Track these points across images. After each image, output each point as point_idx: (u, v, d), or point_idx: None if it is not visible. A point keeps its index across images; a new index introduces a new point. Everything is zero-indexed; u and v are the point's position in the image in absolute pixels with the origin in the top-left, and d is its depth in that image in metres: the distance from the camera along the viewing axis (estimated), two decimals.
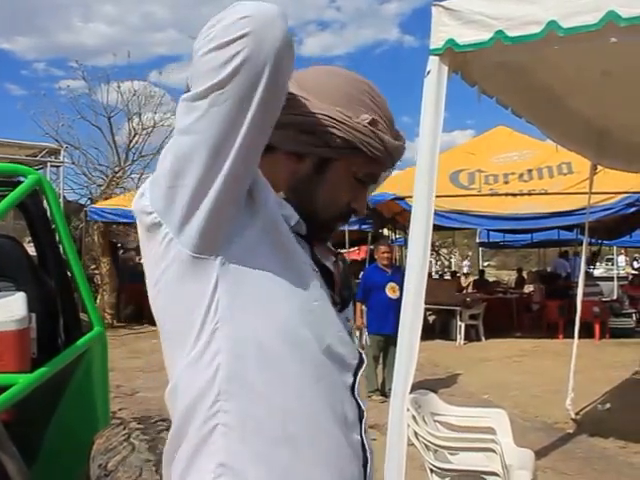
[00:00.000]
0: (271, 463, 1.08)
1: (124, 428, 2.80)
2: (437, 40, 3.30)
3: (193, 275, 1.07)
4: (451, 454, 3.63)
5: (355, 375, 1.21)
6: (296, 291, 1.12)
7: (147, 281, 1.14)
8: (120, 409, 6.15)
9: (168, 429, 2.88)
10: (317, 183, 1.20)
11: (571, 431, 5.91)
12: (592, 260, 14.69)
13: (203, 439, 1.09)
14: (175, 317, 1.11)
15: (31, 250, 3.62)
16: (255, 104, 0.99)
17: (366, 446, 1.20)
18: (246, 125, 1.00)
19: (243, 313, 1.08)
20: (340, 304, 1.22)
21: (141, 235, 1.12)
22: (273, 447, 1.08)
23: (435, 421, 3.73)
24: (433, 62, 3.31)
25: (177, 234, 1.05)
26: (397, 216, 12.29)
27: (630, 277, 17.91)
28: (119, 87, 14.74)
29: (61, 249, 3.48)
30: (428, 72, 3.31)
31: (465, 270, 25.68)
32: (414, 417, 3.41)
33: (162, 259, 1.08)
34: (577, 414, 6.18)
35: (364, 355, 1.26)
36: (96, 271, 13.76)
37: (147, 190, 1.09)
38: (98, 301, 12.79)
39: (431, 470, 3.45)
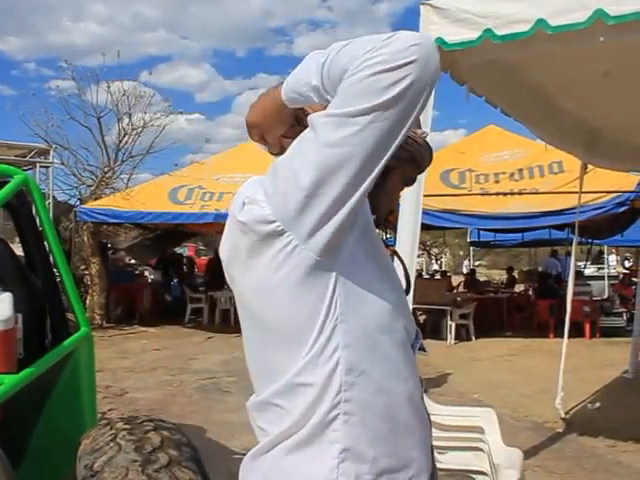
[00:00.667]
0: (383, 441, 1.22)
1: (111, 428, 2.79)
2: None
3: (316, 277, 1.17)
4: (439, 453, 3.62)
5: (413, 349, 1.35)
6: (388, 284, 1.27)
7: (255, 287, 1.23)
8: (109, 409, 6.13)
9: (155, 429, 2.89)
10: (380, 187, 1.30)
11: (561, 430, 5.91)
12: (596, 258, 14.74)
13: (324, 428, 1.19)
14: (296, 318, 1.20)
15: (19, 251, 3.60)
16: (409, 124, 1.13)
17: (427, 411, 1.35)
18: (397, 142, 1.13)
19: (355, 309, 1.20)
20: (407, 288, 1.40)
21: (250, 244, 1.20)
22: (383, 426, 1.22)
23: None
24: None
25: (304, 241, 1.15)
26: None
27: (621, 276, 18.00)
28: (109, 87, 14.65)
29: (48, 249, 3.46)
30: None
31: (465, 270, 25.69)
32: None
33: (283, 265, 1.17)
34: (567, 413, 6.18)
35: (419, 331, 1.39)
36: (86, 272, 13.70)
37: (260, 201, 1.18)
38: (88, 302, 12.75)
39: None
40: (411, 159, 1.36)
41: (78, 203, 14.25)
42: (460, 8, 3.25)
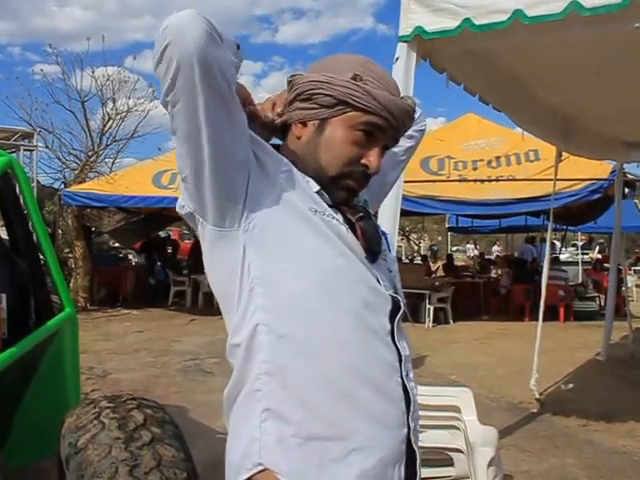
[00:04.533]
0: (312, 407, 1.21)
1: (94, 407, 2.82)
2: (406, 27, 3.35)
3: (225, 247, 1.25)
4: None
5: (392, 321, 1.32)
6: (320, 250, 1.25)
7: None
8: (92, 390, 6.15)
9: (138, 407, 2.94)
10: (318, 143, 1.33)
11: (535, 410, 6.05)
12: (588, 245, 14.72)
13: (252, 387, 1.24)
14: (221, 285, 1.29)
15: (3, 232, 3.62)
16: (200, 92, 1.13)
17: (408, 387, 1.30)
18: (202, 110, 1.15)
19: (274, 272, 1.23)
20: (370, 256, 1.34)
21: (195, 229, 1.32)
22: (312, 391, 1.21)
23: None
24: (402, 49, 3.36)
25: (202, 216, 1.25)
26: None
27: (593, 261, 18.28)
28: (93, 72, 14.51)
29: (33, 231, 3.48)
30: (397, 59, 3.36)
31: (470, 254, 25.66)
32: None
33: (204, 241, 1.29)
34: (541, 394, 6.30)
35: (402, 302, 1.36)
36: (70, 255, 13.67)
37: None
38: (72, 284, 12.71)
39: None
40: (340, 102, 1.29)
41: (62, 187, 14.16)
42: None
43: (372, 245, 1.35)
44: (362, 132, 1.31)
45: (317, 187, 1.32)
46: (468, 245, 28.48)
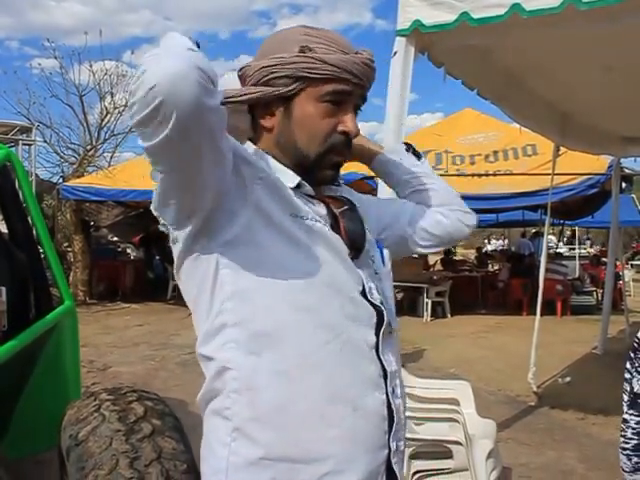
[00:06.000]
0: (281, 429, 1.16)
1: (95, 399, 2.84)
2: (404, 21, 3.34)
3: (197, 260, 1.21)
4: (416, 424, 3.72)
5: (378, 333, 1.26)
6: (293, 262, 1.20)
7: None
8: (93, 383, 6.17)
9: (138, 400, 2.95)
10: (291, 127, 1.28)
11: (533, 404, 6.08)
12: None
13: (222, 404, 1.20)
14: (191, 296, 1.26)
15: (2, 226, 3.62)
16: (196, 141, 1.04)
17: (392, 406, 1.24)
18: (195, 157, 1.07)
19: (245, 288, 1.18)
20: (353, 251, 1.29)
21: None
22: (284, 413, 1.16)
23: None
24: (400, 43, 3.36)
25: (178, 236, 1.21)
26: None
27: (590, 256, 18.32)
28: (91, 66, 14.51)
29: (31, 224, 3.49)
30: (395, 53, 3.36)
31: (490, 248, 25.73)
32: None
33: (174, 246, 1.24)
34: (539, 387, 6.33)
35: (386, 313, 1.29)
36: (69, 249, 13.69)
37: None
38: (71, 278, 12.73)
39: None
40: (297, 78, 1.23)
41: (61, 181, 14.16)
42: None
43: (354, 240, 1.29)
44: (329, 102, 1.26)
45: (297, 179, 1.27)
46: (493, 241, 28.26)
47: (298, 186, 1.27)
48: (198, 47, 1.07)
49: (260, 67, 1.26)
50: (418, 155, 1.62)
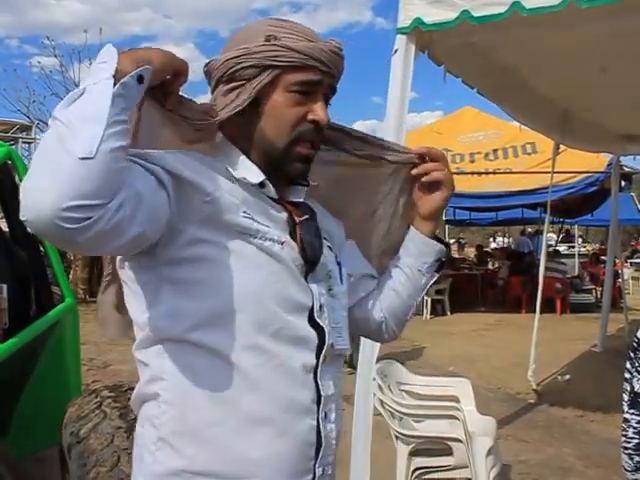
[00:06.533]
0: (208, 444, 1.15)
1: (96, 396, 2.85)
2: (405, 19, 3.35)
3: (140, 275, 1.19)
4: (416, 421, 3.74)
5: (318, 357, 1.23)
6: (244, 281, 1.16)
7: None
8: (93, 381, 6.18)
9: None
10: (260, 118, 1.24)
11: (532, 401, 6.11)
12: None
13: (152, 412, 1.20)
14: (130, 304, 1.23)
15: (2, 224, 3.62)
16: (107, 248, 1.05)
17: (322, 431, 1.22)
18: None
19: (186, 304, 1.15)
20: (308, 266, 1.25)
21: None
22: (211, 429, 1.15)
23: (401, 390, 3.84)
24: (400, 41, 3.37)
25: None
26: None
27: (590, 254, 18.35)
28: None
29: None
30: (395, 51, 3.37)
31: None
32: (380, 386, 3.51)
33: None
34: (538, 385, 6.37)
35: (330, 335, 1.25)
36: None
37: None
38: (71, 276, 12.72)
39: (396, 437, 3.55)
40: (263, 68, 1.21)
41: None
42: None
43: (308, 253, 1.25)
44: (298, 92, 1.23)
45: (262, 177, 1.23)
46: (499, 239, 28.24)
47: (262, 185, 1.24)
48: (140, 80, 1.03)
49: (225, 59, 1.23)
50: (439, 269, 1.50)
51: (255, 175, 1.23)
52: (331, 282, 1.31)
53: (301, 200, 1.31)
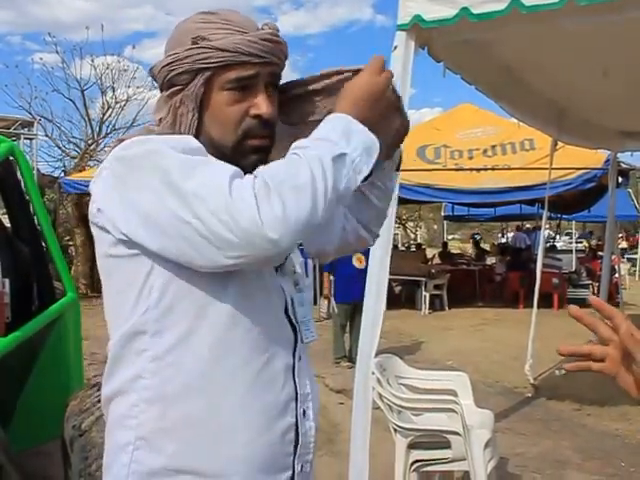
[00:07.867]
0: (188, 442, 1.16)
1: (98, 390, 2.85)
2: (404, 15, 3.36)
3: (131, 256, 1.17)
4: (414, 415, 3.76)
5: (294, 355, 1.25)
6: (227, 287, 1.16)
7: None
8: (95, 375, 6.16)
9: None
10: (203, 119, 1.23)
11: (529, 395, 6.16)
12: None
13: (128, 412, 1.19)
14: (115, 288, 1.24)
15: (5, 218, 3.64)
16: None
17: (300, 428, 1.24)
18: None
19: (174, 298, 1.16)
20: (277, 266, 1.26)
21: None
22: (192, 428, 1.16)
23: (399, 384, 3.86)
24: (400, 37, 3.38)
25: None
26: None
27: (587, 250, 18.39)
28: (93, 61, 14.54)
29: (34, 217, 3.51)
30: (395, 47, 3.38)
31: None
32: (379, 380, 3.53)
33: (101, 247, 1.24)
34: (535, 379, 6.40)
35: (303, 334, 1.28)
36: (70, 242, 13.73)
37: None
38: (72, 271, 12.74)
39: (395, 430, 3.57)
40: (196, 71, 1.20)
41: (62, 175, 14.19)
42: None
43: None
44: (234, 90, 1.21)
45: None
46: (510, 233, 28.15)
47: None
48: None
49: (160, 67, 1.24)
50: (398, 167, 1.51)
51: None
52: (296, 277, 1.32)
53: None
